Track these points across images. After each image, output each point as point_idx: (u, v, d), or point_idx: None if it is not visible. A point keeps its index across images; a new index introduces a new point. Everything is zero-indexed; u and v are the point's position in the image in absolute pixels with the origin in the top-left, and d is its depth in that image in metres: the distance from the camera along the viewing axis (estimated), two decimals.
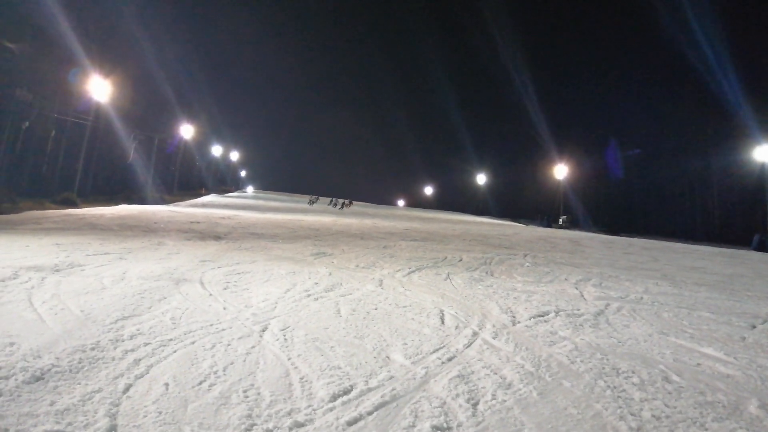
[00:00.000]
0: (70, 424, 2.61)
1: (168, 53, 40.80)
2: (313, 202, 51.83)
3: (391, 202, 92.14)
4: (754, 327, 6.02)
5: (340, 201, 52.36)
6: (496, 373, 3.80)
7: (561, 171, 49.29)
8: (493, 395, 3.37)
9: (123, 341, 3.91)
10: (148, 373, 3.34)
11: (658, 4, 48.90)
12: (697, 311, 6.75)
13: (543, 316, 5.84)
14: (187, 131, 44.52)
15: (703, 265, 14.37)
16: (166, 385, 3.17)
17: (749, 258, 19.33)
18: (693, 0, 42.95)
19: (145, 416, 2.76)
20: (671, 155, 48.19)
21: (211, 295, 5.76)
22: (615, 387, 3.66)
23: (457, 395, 3.33)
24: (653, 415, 3.19)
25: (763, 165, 31.45)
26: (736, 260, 17.48)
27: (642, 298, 7.49)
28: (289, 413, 2.90)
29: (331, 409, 3.00)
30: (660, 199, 50.04)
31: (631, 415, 3.18)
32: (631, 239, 28.37)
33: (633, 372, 4.02)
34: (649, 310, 6.58)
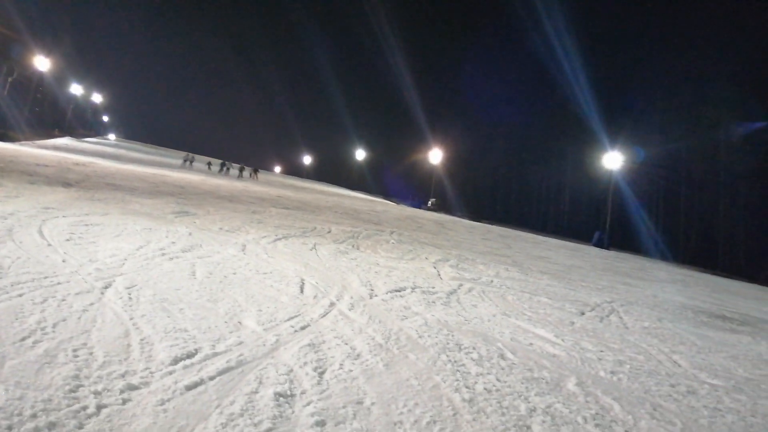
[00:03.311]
0: None
1: None
2: (190, 162, 38.66)
3: (267, 168, 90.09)
4: (582, 313, 6.69)
5: (237, 166, 40.84)
6: (346, 344, 3.87)
7: (435, 155, 51.09)
8: (341, 365, 3.42)
9: None
10: None
11: (527, 22, 53.20)
12: (537, 296, 7.36)
13: (400, 292, 6.05)
14: (41, 63, 39.82)
15: (549, 255, 15.70)
16: None
17: (588, 252, 21.48)
18: (555, 18, 47.30)
19: None
20: (534, 154, 52.11)
21: (50, 245, 5.24)
22: (455, 361, 3.89)
23: (305, 363, 3.34)
24: (485, 388, 3.43)
25: (610, 172, 34.92)
26: (578, 253, 19.34)
27: (492, 281, 8.02)
28: (122, 375, 2.73)
29: (170, 373, 2.86)
30: (520, 192, 54.02)
31: (466, 387, 3.39)
32: (491, 226, 30.24)
33: (474, 348, 4.30)
34: (496, 293, 7.06)
